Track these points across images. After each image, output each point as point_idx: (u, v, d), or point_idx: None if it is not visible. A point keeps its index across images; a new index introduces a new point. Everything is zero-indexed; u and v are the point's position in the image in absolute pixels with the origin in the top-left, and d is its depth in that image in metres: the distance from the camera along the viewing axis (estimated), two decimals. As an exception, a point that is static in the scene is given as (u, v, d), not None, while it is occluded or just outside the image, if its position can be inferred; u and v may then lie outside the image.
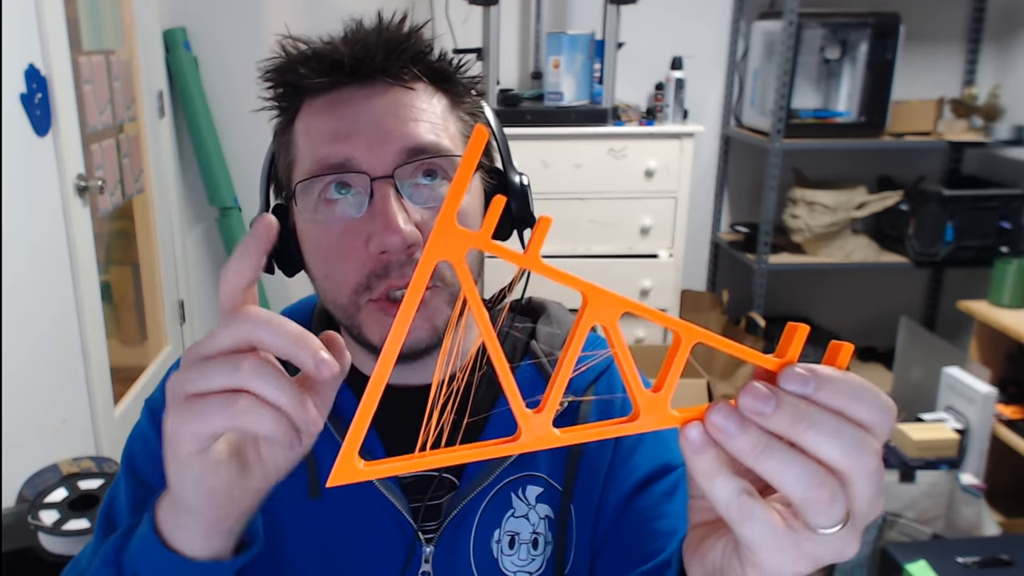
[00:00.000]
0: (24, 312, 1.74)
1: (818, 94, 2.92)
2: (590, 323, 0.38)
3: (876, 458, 0.37)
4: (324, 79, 0.63)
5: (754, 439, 0.36)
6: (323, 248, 0.64)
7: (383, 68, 0.63)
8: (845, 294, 3.31)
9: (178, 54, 2.76)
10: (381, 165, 0.61)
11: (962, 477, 1.96)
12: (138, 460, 0.71)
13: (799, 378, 0.37)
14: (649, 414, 0.39)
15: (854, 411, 0.37)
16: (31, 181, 1.83)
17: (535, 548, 0.69)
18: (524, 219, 0.71)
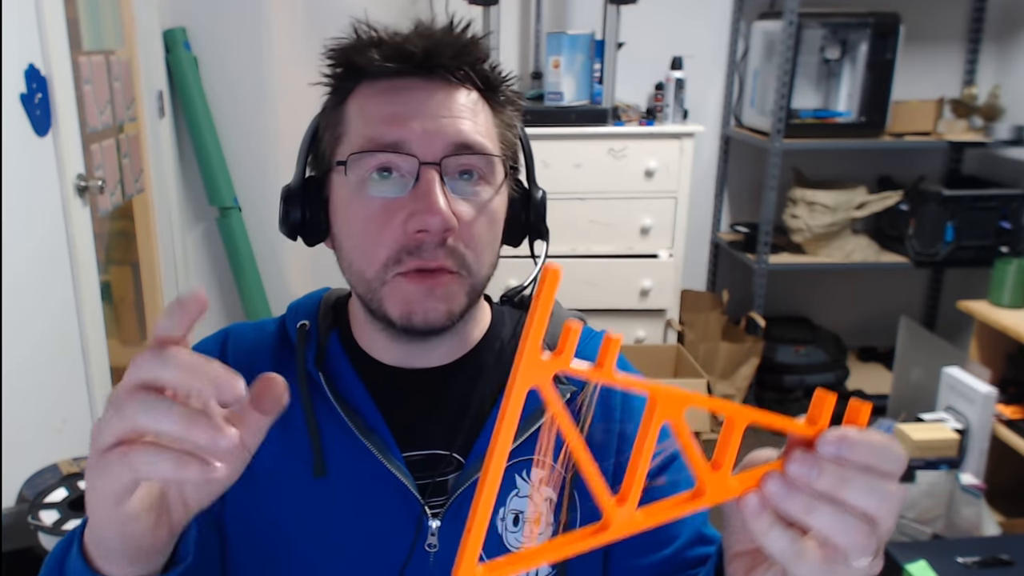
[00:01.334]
0: (24, 312, 1.74)
1: (818, 94, 2.92)
2: (661, 421, 0.43)
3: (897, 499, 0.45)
4: (392, 65, 0.67)
5: (802, 501, 0.44)
6: (361, 220, 0.67)
7: (446, 66, 0.67)
8: (845, 294, 3.31)
9: (178, 54, 2.76)
10: (431, 152, 0.65)
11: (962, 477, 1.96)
12: None
13: (834, 444, 0.45)
14: (713, 489, 0.45)
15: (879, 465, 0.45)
16: (31, 181, 1.83)
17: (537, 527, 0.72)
18: (538, 231, 0.77)
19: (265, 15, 2.88)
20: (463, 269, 0.67)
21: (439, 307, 0.66)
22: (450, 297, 0.67)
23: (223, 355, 0.76)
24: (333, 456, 0.69)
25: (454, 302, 0.67)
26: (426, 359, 0.73)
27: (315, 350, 0.74)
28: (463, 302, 0.68)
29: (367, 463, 0.68)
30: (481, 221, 0.68)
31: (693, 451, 0.44)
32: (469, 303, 0.69)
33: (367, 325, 0.74)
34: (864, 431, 0.45)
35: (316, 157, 0.73)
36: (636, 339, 2.86)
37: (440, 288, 0.66)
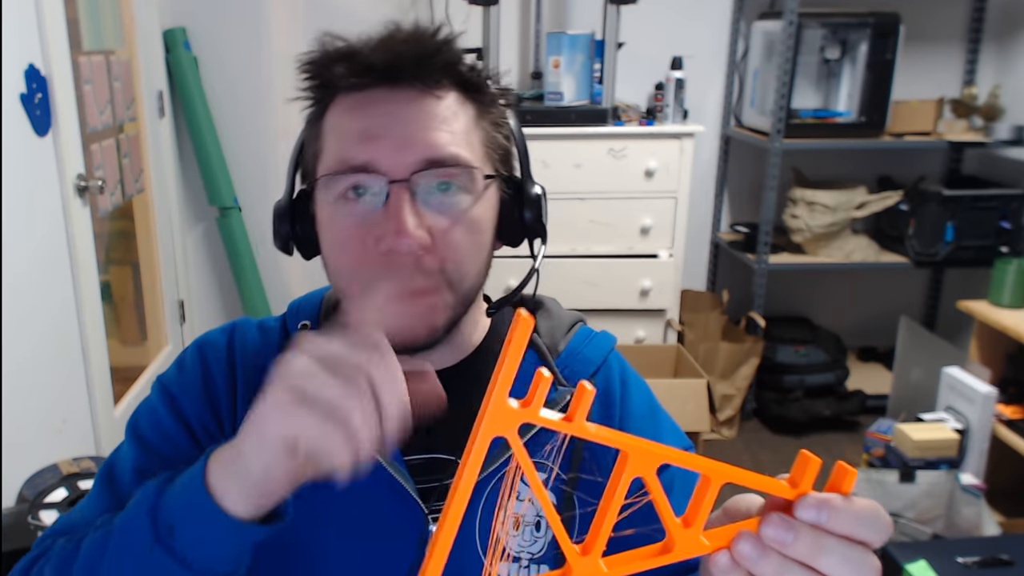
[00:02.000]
0: (24, 312, 1.74)
1: (818, 94, 2.92)
2: (631, 476, 0.43)
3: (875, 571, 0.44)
4: (355, 79, 0.66)
5: (774, 565, 0.43)
6: (336, 241, 0.68)
7: (413, 75, 0.65)
8: (845, 294, 3.31)
9: (178, 54, 2.76)
10: (400, 169, 0.64)
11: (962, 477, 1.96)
12: (145, 430, 0.73)
13: (814, 508, 0.43)
14: (683, 544, 0.44)
15: (860, 534, 0.43)
16: (31, 181, 1.83)
17: (538, 530, 0.71)
18: (536, 230, 0.73)
19: (265, 15, 2.88)
20: (443, 285, 0.66)
21: (419, 325, 0.65)
22: (431, 313, 0.66)
23: (230, 346, 0.76)
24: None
25: (436, 318, 0.66)
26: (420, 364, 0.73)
27: None
28: (448, 315, 0.67)
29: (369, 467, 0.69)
30: (459, 232, 0.66)
31: (664, 506, 0.44)
32: (456, 315, 0.68)
33: None
34: (848, 499, 0.44)
35: (304, 171, 0.73)
36: (636, 339, 2.86)
37: (420, 305, 0.65)
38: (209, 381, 0.74)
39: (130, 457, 0.72)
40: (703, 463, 0.44)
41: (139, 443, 0.72)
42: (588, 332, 0.79)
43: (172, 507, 0.54)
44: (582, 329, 0.79)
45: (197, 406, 0.73)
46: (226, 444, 0.53)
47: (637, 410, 0.76)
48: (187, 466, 0.73)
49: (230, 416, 0.73)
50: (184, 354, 0.77)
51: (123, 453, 0.73)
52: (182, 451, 0.72)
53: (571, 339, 0.77)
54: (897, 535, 1.90)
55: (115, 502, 0.70)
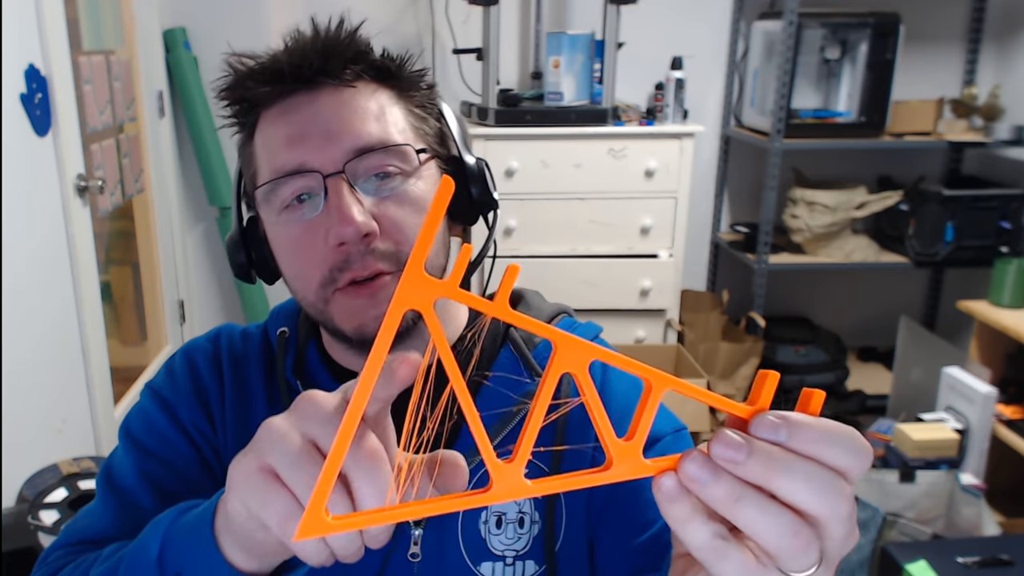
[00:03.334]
0: (24, 312, 1.74)
1: (818, 94, 2.92)
2: (560, 371, 0.38)
3: (848, 501, 0.37)
4: (269, 88, 0.66)
5: (727, 488, 0.36)
6: (288, 249, 0.67)
7: (323, 71, 0.66)
8: (845, 294, 3.31)
9: (178, 54, 2.76)
10: (332, 163, 0.64)
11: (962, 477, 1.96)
12: (138, 433, 0.73)
13: (771, 425, 0.37)
14: (622, 463, 0.39)
15: (828, 456, 0.37)
16: (31, 181, 1.83)
17: (521, 527, 0.71)
18: (486, 202, 0.73)
19: (265, 15, 2.88)
20: (400, 267, 0.65)
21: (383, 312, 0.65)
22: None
23: (216, 350, 0.76)
24: None
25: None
26: None
27: (294, 358, 0.74)
28: None
29: None
30: (405, 212, 0.65)
31: (600, 413, 0.39)
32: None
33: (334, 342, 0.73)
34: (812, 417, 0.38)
35: (247, 198, 0.73)
36: (636, 339, 2.86)
37: (382, 292, 0.65)
38: (199, 385, 0.74)
39: (128, 462, 0.72)
40: (644, 369, 0.39)
41: (136, 447, 0.72)
42: (570, 323, 0.78)
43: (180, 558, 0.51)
44: (564, 320, 0.78)
45: (191, 409, 0.73)
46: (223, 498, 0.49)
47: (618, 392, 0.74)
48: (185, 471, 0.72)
49: (221, 420, 0.73)
50: (172, 360, 0.77)
51: (120, 458, 0.73)
52: (181, 455, 0.72)
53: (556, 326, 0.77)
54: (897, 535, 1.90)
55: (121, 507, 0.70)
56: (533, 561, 0.70)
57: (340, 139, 0.64)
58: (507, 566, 0.70)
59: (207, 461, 0.73)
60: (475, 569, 0.70)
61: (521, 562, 0.70)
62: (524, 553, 0.70)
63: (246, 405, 0.74)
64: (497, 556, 0.70)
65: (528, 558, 0.70)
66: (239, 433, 0.72)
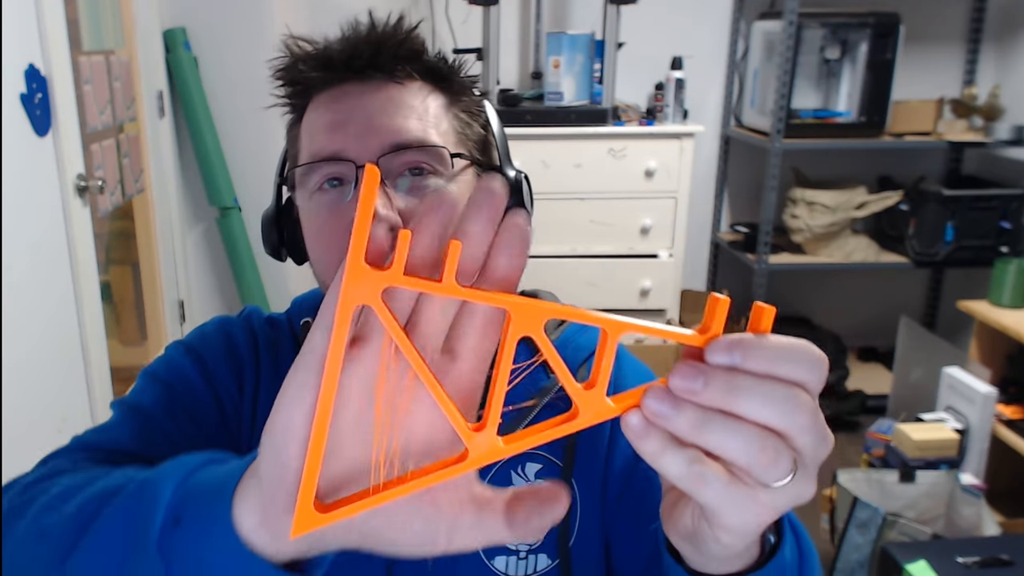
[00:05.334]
0: (24, 312, 1.74)
1: (818, 94, 2.92)
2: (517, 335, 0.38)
3: (810, 410, 0.38)
4: (320, 74, 0.67)
5: (690, 417, 0.38)
6: (313, 231, 0.68)
7: (374, 65, 0.67)
8: (845, 294, 3.31)
9: (178, 54, 2.76)
10: (367, 155, 0.65)
11: (962, 477, 1.96)
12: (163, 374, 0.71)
13: (724, 351, 0.38)
14: (588, 409, 0.40)
15: (783, 372, 0.38)
16: (31, 181, 1.83)
17: None
18: None
19: (265, 15, 2.88)
20: None
21: None
22: None
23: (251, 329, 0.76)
24: None
25: None
26: None
27: None
28: None
29: None
30: None
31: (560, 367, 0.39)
32: None
33: None
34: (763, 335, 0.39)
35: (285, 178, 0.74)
36: (636, 339, 2.86)
37: None
38: (233, 348, 0.74)
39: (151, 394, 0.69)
40: (598, 317, 0.40)
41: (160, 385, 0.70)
42: (580, 326, 0.78)
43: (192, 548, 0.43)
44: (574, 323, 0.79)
45: (222, 367, 0.72)
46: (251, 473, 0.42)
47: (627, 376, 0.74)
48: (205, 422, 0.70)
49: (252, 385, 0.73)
50: (204, 326, 0.77)
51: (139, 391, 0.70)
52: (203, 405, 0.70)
53: (564, 330, 0.77)
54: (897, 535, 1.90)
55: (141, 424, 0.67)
56: (546, 555, 0.71)
57: (379, 132, 0.65)
58: (520, 560, 0.71)
59: (227, 420, 0.72)
60: (489, 563, 0.70)
61: (534, 556, 0.71)
62: (537, 547, 0.71)
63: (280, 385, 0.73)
64: (511, 550, 0.71)
65: (541, 552, 0.71)
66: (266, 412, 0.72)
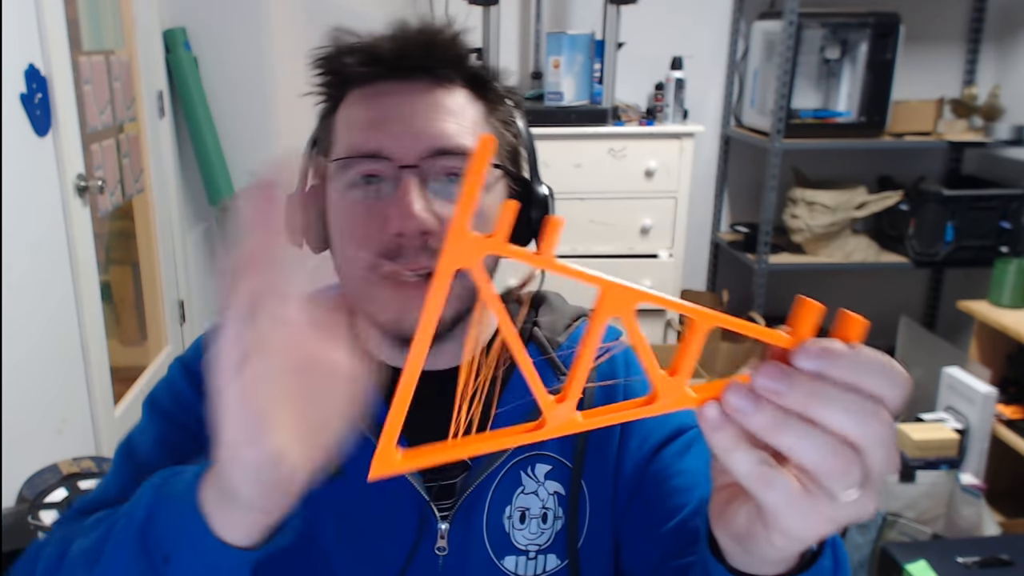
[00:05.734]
0: (24, 312, 1.74)
1: (818, 94, 2.92)
2: (607, 315, 0.39)
3: (887, 426, 0.39)
4: (366, 69, 0.67)
5: (769, 417, 0.38)
6: (344, 225, 0.68)
7: (421, 66, 0.67)
8: (845, 294, 3.31)
9: (178, 54, 2.76)
10: (409, 156, 0.65)
11: (962, 477, 1.96)
12: (162, 400, 0.74)
13: (813, 357, 0.39)
14: (667, 396, 0.41)
15: (867, 384, 0.39)
16: (31, 181, 1.83)
17: (544, 522, 0.72)
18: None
19: (265, 15, 2.88)
20: None
21: None
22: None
23: None
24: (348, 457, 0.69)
25: (450, 304, 0.66)
26: (434, 362, 0.72)
27: None
28: (455, 306, 0.67)
29: None
30: None
31: (646, 351, 0.40)
32: (463, 306, 0.68)
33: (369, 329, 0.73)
34: (852, 345, 0.40)
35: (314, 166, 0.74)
36: (636, 339, 2.86)
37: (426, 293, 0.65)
38: None
39: (149, 431, 0.72)
40: (689, 307, 0.40)
41: (158, 414, 0.73)
42: None
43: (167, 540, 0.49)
44: (584, 323, 0.79)
45: None
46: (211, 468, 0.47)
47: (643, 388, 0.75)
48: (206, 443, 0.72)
49: None
50: (204, 336, 0.79)
51: (140, 428, 0.73)
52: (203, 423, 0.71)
53: (573, 331, 0.77)
54: (897, 535, 1.89)
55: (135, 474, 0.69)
56: (555, 555, 0.72)
57: (422, 135, 0.66)
58: (529, 560, 0.71)
59: None
60: (499, 563, 0.71)
61: (543, 556, 0.72)
62: (546, 548, 0.72)
63: None
64: (520, 550, 0.71)
65: (550, 552, 0.72)
66: None
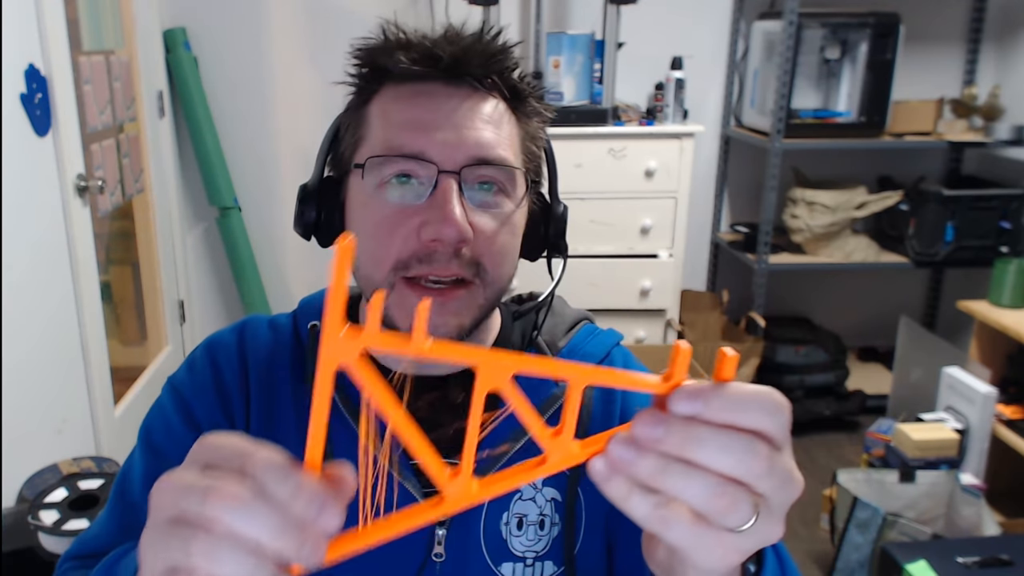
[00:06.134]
0: (24, 312, 1.74)
1: (818, 94, 2.92)
2: (485, 388, 0.40)
3: (766, 460, 0.40)
4: (419, 68, 0.66)
5: (651, 464, 0.40)
6: (374, 223, 0.66)
7: (474, 73, 0.67)
8: (845, 294, 3.31)
9: (178, 54, 2.76)
10: (451, 161, 0.64)
11: (962, 477, 1.96)
12: (156, 434, 0.73)
13: (686, 400, 0.40)
14: (555, 453, 0.42)
15: (742, 421, 0.40)
16: (31, 181, 1.83)
17: (541, 529, 0.72)
18: (556, 247, 0.75)
19: (265, 15, 2.88)
20: (478, 279, 0.66)
21: (450, 322, 0.65)
22: (462, 311, 0.66)
23: (241, 344, 0.75)
24: None
25: (465, 316, 0.66)
26: (437, 368, 0.72)
27: None
28: (476, 315, 0.67)
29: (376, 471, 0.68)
30: (501, 233, 0.66)
31: (530, 416, 0.41)
32: (483, 315, 0.68)
33: None
34: (723, 384, 0.40)
35: (335, 157, 0.72)
36: (636, 339, 2.86)
37: (452, 302, 0.65)
38: (220, 382, 0.74)
39: (140, 465, 0.72)
40: (563, 366, 0.41)
41: (150, 449, 0.73)
42: (592, 329, 0.78)
43: None
44: (586, 327, 0.79)
45: (208, 408, 0.73)
46: None
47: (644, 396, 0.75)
48: None
49: (242, 416, 0.73)
50: (194, 354, 0.77)
51: (135, 461, 0.73)
52: None
53: (573, 336, 0.77)
54: (897, 535, 1.89)
55: (126, 516, 0.70)
56: (552, 562, 0.71)
57: (466, 141, 0.65)
58: (527, 567, 0.71)
59: None
60: (496, 569, 0.70)
61: (540, 563, 0.71)
62: (544, 554, 0.71)
63: (272, 402, 0.73)
64: (517, 557, 0.71)
65: (547, 559, 0.71)
66: (262, 431, 0.72)
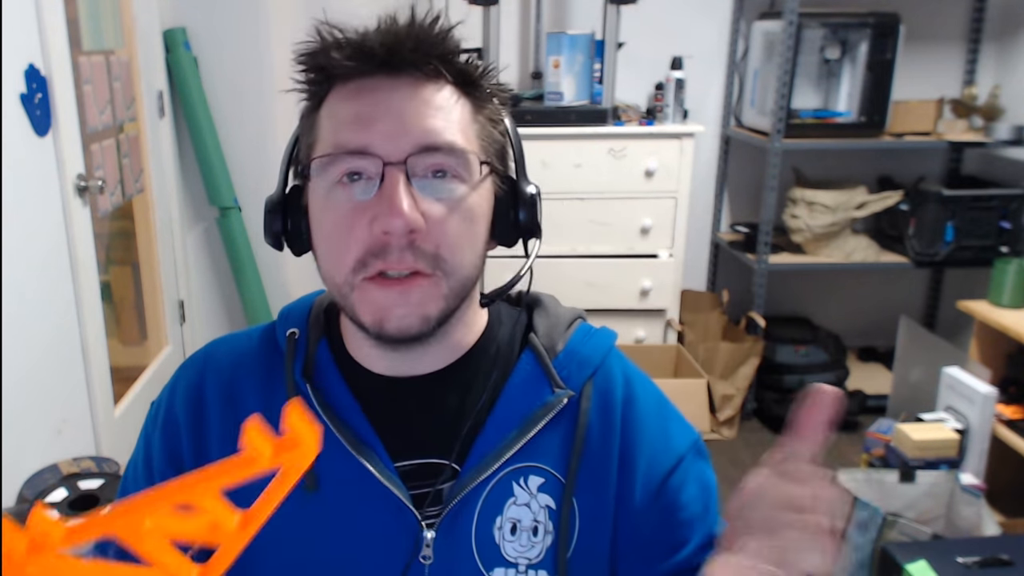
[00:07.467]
0: (24, 312, 1.74)
1: (818, 94, 2.92)
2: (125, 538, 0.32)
3: None
4: (354, 64, 0.65)
5: None
6: (329, 225, 0.66)
7: (411, 61, 0.65)
8: (845, 294, 3.31)
9: (178, 54, 2.76)
10: (395, 152, 0.63)
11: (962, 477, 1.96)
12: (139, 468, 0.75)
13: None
14: None
15: None
16: (31, 181, 1.83)
17: (535, 535, 0.70)
18: (531, 230, 0.73)
19: (265, 15, 2.88)
20: (438, 270, 0.64)
21: (412, 312, 0.64)
22: (424, 302, 0.64)
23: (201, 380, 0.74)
24: (324, 470, 0.68)
25: (429, 306, 0.65)
26: (417, 366, 0.71)
27: (303, 360, 0.72)
28: (440, 305, 0.65)
29: (358, 476, 0.67)
30: (455, 219, 0.65)
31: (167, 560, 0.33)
32: (448, 306, 0.66)
33: (355, 333, 0.72)
34: None
35: (297, 165, 0.72)
36: (636, 339, 2.86)
37: (413, 292, 0.64)
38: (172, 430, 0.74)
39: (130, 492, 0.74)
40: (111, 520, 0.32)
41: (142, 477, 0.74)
42: (587, 329, 0.77)
43: None
44: (581, 326, 0.77)
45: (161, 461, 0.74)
46: None
47: (644, 407, 0.74)
48: None
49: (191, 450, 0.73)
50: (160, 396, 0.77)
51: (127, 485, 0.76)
52: None
53: (569, 337, 0.75)
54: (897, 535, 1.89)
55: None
56: (546, 571, 0.70)
57: (409, 131, 0.64)
58: (519, 573, 0.70)
59: None
60: (487, 574, 0.69)
61: (533, 571, 0.70)
62: (537, 562, 0.70)
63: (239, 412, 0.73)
64: (510, 562, 0.70)
65: (541, 568, 0.70)
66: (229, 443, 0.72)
